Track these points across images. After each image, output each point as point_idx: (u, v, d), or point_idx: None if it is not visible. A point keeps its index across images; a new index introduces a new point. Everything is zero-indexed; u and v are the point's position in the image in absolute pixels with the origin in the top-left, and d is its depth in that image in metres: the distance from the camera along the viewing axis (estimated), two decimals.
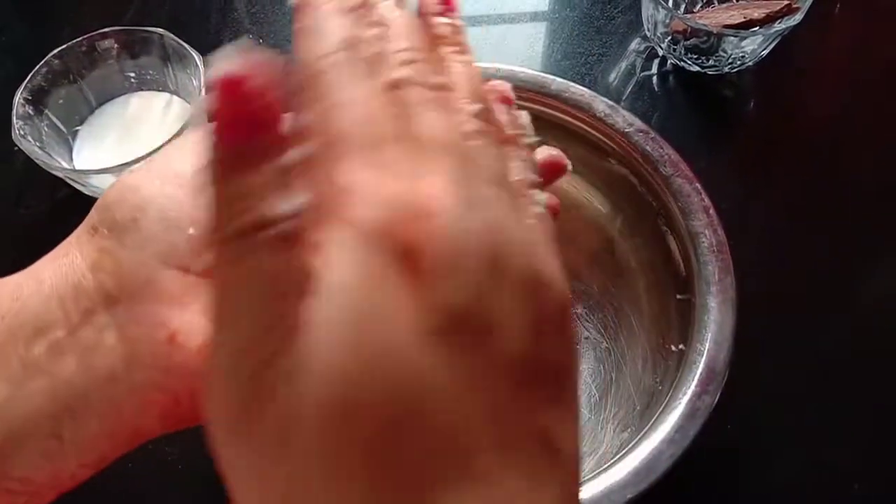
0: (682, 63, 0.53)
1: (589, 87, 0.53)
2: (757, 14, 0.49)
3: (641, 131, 0.39)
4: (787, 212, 0.49)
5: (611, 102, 0.40)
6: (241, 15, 0.58)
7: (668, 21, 0.50)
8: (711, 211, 0.37)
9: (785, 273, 0.46)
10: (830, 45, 0.56)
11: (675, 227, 0.37)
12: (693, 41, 0.50)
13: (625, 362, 0.39)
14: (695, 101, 0.53)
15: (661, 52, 0.54)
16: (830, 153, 0.51)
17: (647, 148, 0.39)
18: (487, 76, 0.40)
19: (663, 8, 0.50)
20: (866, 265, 0.47)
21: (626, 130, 0.39)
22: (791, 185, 0.50)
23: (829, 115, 0.54)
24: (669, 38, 0.52)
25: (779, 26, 0.48)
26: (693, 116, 0.53)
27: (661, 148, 0.39)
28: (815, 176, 0.51)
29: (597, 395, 0.39)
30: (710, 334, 0.33)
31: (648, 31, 0.54)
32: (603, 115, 0.40)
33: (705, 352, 0.33)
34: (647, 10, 0.53)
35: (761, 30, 0.49)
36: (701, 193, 0.37)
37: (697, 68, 0.53)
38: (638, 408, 0.36)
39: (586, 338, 0.41)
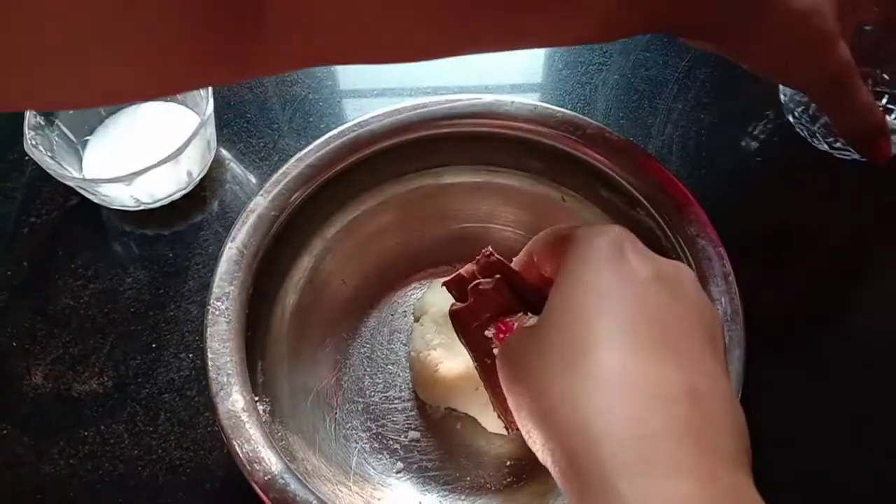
0: (814, 141, 0.49)
1: (589, 96, 0.54)
2: None
3: (673, 186, 0.39)
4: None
5: (646, 152, 0.40)
6: None
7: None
8: (731, 278, 0.36)
9: (784, 283, 0.46)
10: None
11: None
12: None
13: None
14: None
15: (791, 120, 0.50)
16: None
17: (676, 205, 0.38)
18: (525, 112, 0.41)
19: None
20: (868, 276, 0.48)
21: (657, 183, 0.39)
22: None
23: None
24: (803, 108, 0.49)
25: None
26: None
27: (691, 206, 0.38)
28: None
29: None
30: None
31: (784, 96, 0.51)
32: (635, 164, 0.40)
33: None
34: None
35: None
36: (723, 258, 0.36)
37: (826, 147, 0.49)
38: None
39: None
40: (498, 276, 0.31)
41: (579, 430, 0.22)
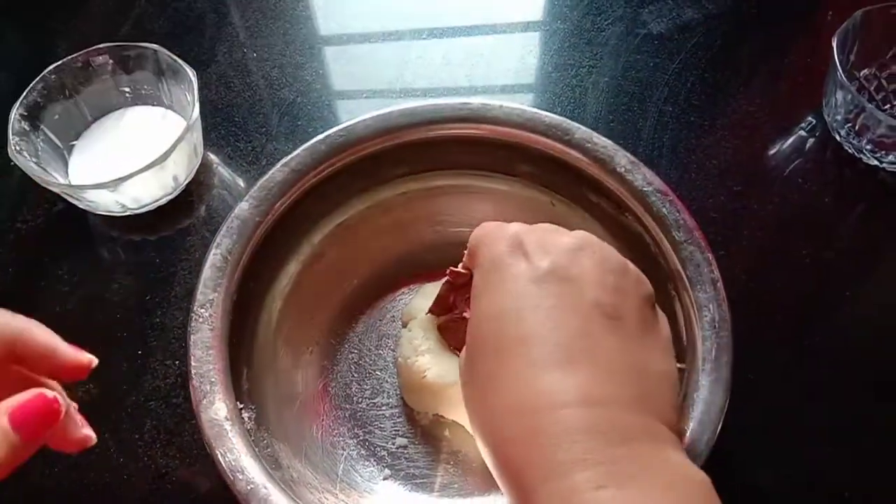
0: (861, 155, 0.50)
1: (579, 98, 0.54)
2: None
3: (660, 192, 0.38)
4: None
5: (633, 158, 0.39)
6: (236, 29, 0.58)
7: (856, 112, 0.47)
8: (719, 284, 0.36)
9: (774, 288, 0.46)
10: None
11: (682, 294, 0.36)
12: (882, 136, 0.47)
13: None
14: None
15: (839, 139, 0.51)
16: None
17: (664, 210, 0.38)
18: (513, 116, 0.41)
19: (858, 102, 0.46)
20: (861, 282, 0.47)
21: (644, 189, 0.38)
22: None
23: None
24: (849, 126, 0.49)
25: None
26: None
27: (678, 212, 0.38)
28: None
29: None
30: (697, 413, 0.32)
31: (828, 116, 0.51)
32: (623, 170, 0.39)
33: (688, 432, 0.32)
34: (833, 91, 0.49)
35: None
36: (711, 264, 0.36)
37: (876, 162, 0.49)
38: None
39: None
40: (463, 282, 0.33)
41: (493, 454, 0.26)
